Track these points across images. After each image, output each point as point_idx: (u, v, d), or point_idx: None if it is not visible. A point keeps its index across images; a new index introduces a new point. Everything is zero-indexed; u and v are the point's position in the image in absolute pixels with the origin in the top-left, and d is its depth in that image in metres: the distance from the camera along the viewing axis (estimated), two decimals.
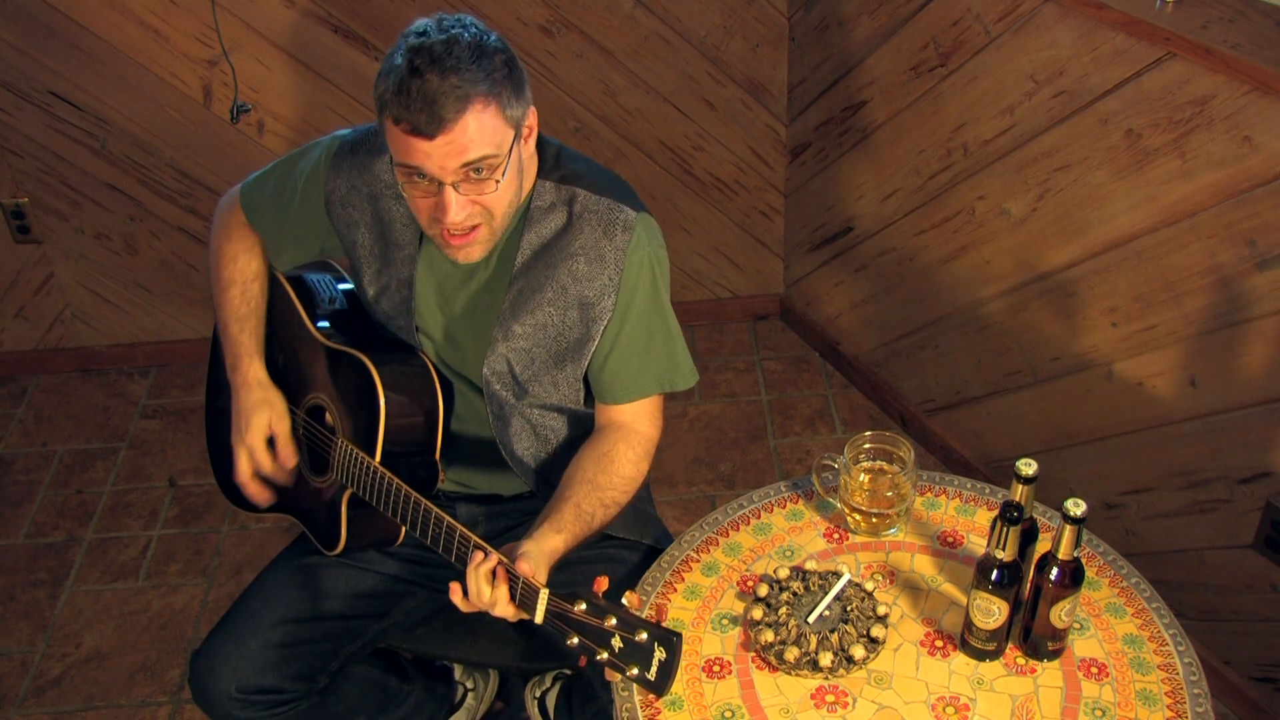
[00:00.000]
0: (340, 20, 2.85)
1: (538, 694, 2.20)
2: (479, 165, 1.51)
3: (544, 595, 1.43)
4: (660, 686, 1.37)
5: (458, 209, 1.52)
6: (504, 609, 1.48)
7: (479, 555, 1.50)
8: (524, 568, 1.46)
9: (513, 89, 1.53)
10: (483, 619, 1.53)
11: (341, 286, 1.95)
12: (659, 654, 1.36)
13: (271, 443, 1.81)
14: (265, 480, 1.84)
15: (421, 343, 1.78)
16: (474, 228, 1.57)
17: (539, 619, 1.44)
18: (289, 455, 1.81)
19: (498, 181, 1.53)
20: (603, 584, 1.44)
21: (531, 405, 1.76)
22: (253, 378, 1.82)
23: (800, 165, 3.10)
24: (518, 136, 1.55)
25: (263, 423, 1.79)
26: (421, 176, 1.51)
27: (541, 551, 1.52)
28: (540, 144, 1.69)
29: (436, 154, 1.48)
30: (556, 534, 1.56)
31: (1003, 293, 2.55)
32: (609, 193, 1.68)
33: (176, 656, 2.53)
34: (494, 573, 1.48)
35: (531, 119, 1.59)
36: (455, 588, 1.51)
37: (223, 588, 2.67)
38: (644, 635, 1.36)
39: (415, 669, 2.14)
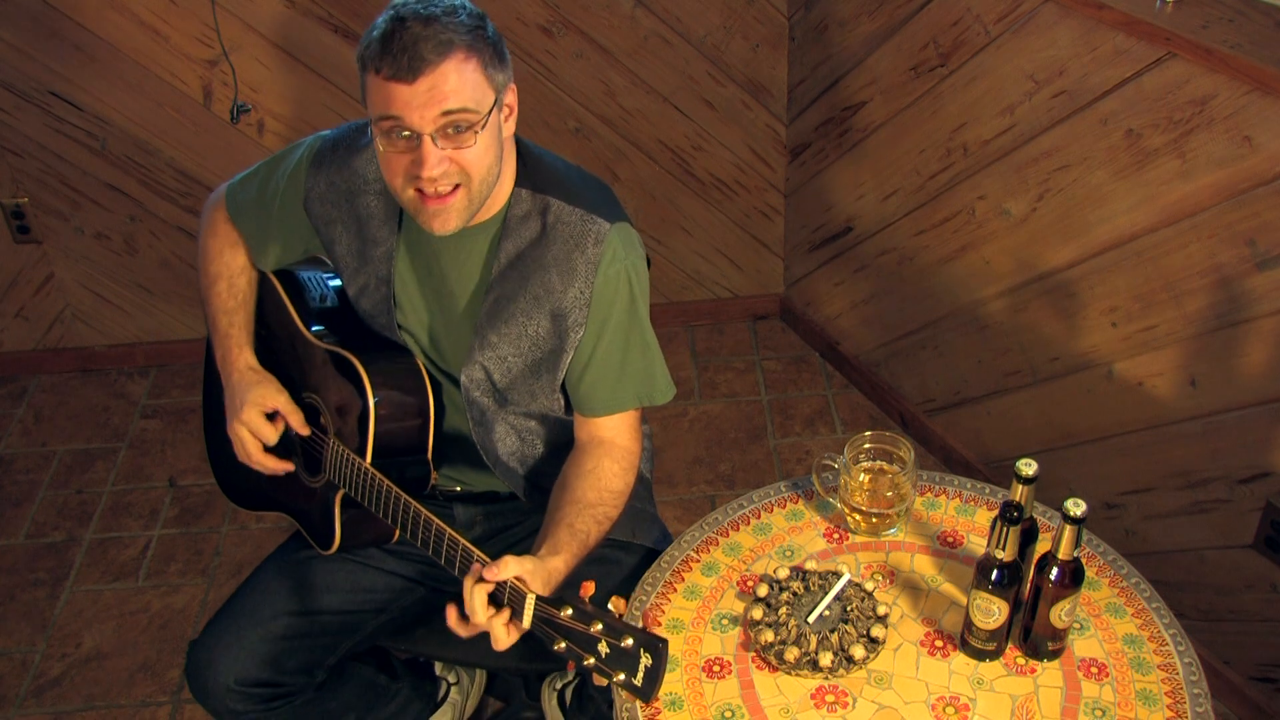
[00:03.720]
0: (340, 20, 2.85)
1: (558, 686, 2.20)
2: (458, 120, 1.50)
3: (530, 600, 1.43)
4: (647, 693, 1.36)
5: (435, 162, 1.51)
6: (499, 631, 1.46)
7: (476, 568, 1.49)
8: (490, 573, 1.45)
9: (494, 53, 1.54)
10: None
11: (333, 284, 1.94)
12: (645, 660, 1.35)
13: (273, 421, 1.81)
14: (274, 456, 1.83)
15: (405, 341, 1.78)
16: (454, 189, 1.55)
17: (527, 623, 1.44)
18: (300, 422, 1.79)
19: (476, 134, 1.52)
20: (589, 589, 1.43)
21: (514, 412, 1.76)
22: (243, 364, 1.81)
23: (800, 165, 3.10)
24: (498, 105, 1.55)
25: (258, 398, 1.78)
26: (401, 133, 1.51)
27: (542, 568, 1.50)
28: (520, 149, 1.69)
29: (417, 100, 1.48)
30: (555, 555, 1.55)
31: (1003, 293, 2.55)
32: (583, 202, 1.66)
33: (176, 656, 2.53)
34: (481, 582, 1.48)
35: (512, 97, 1.60)
36: (452, 611, 1.50)
37: (223, 588, 2.67)
38: (630, 641, 1.36)
39: (404, 667, 2.14)
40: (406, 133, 1.51)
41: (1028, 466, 1.44)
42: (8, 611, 2.66)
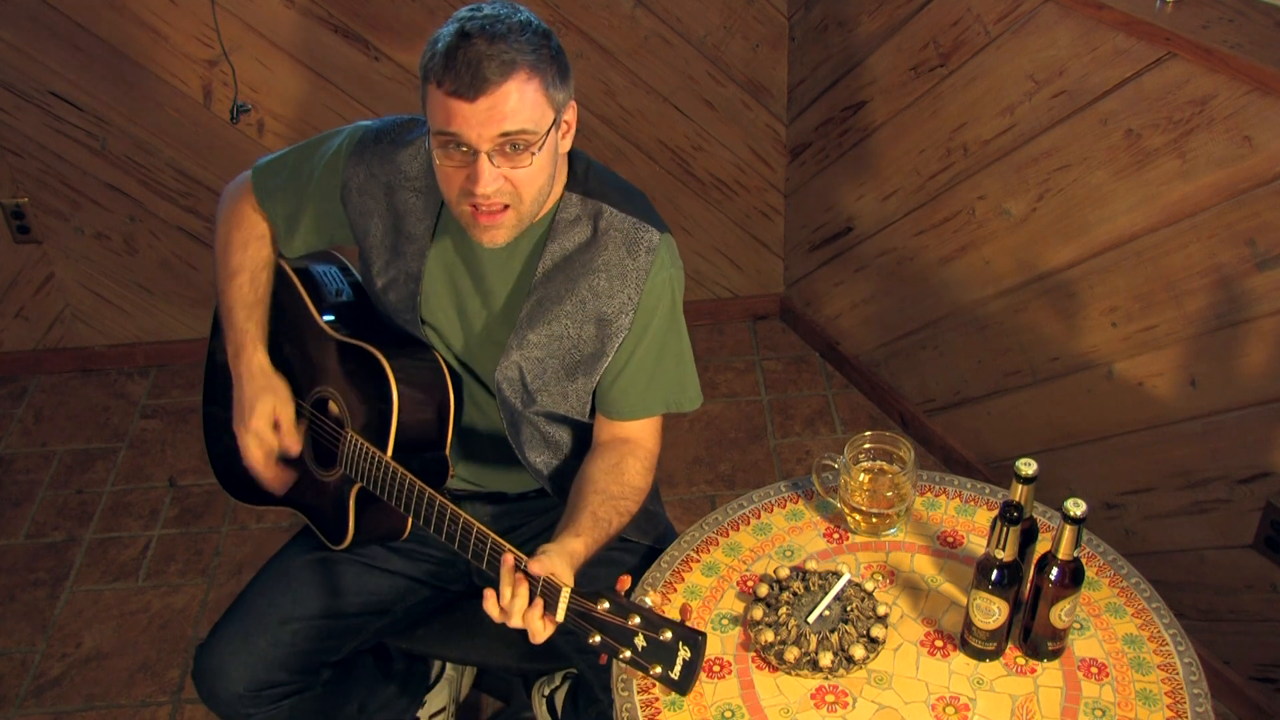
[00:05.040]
0: (340, 20, 2.85)
1: (546, 692, 2.20)
2: (516, 140, 1.50)
3: (565, 593, 1.43)
4: (684, 685, 1.37)
5: (490, 179, 1.51)
6: (536, 625, 1.45)
7: (508, 560, 1.48)
8: (535, 567, 1.46)
9: (558, 72, 1.54)
10: (482, 619, 1.52)
11: (348, 279, 1.94)
12: (683, 653, 1.36)
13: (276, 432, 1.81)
14: (279, 466, 1.83)
15: (428, 337, 1.78)
16: (503, 209, 1.56)
17: (560, 617, 1.44)
18: (293, 443, 1.80)
19: (533, 156, 1.52)
20: (625, 583, 1.44)
21: (537, 413, 1.76)
22: (256, 366, 1.81)
23: (800, 165, 3.10)
24: (556, 124, 1.55)
25: (267, 408, 1.78)
26: (458, 147, 1.51)
27: (562, 551, 1.51)
28: (570, 155, 1.69)
29: (476, 119, 1.47)
30: (575, 538, 1.56)
31: (1003, 293, 2.55)
32: (635, 211, 1.68)
33: (176, 656, 2.53)
34: (515, 573, 1.48)
35: (571, 114, 1.60)
36: (490, 595, 1.48)
37: (223, 588, 2.67)
38: (668, 634, 1.37)
39: (397, 649, 2.15)
40: (464, 148, 1.51)
41: (1027, 466, 1.44)
42: (8, 611, 2.66)
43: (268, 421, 1.78)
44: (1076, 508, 1.40)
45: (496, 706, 2.37)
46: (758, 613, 1.56)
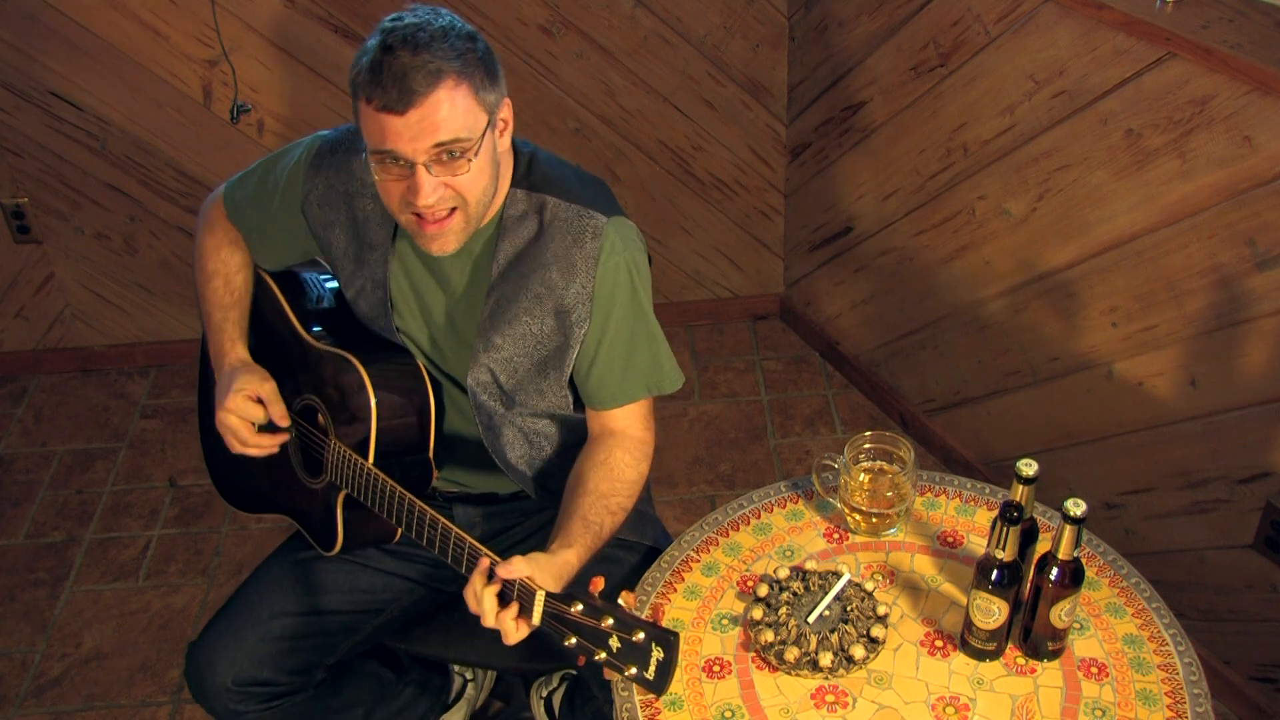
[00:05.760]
0: (340, 20, 2.85)
1: (544, 694, 2.21)
2: (451, 148, 1.50)
3: (540, 596, 1.44)
4: (659, 686, 1.37)
5: (430, 190, 1.51)
6: (508, 626, 1.45)
7: (484, 563, 1.49)
8: (503, 571, 1.45)
9: (485, 73, 1.52)
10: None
11: (329, 285, 1.94)
12: (656, 654, 1.37)
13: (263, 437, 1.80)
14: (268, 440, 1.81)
15: (404, 343, 1.78)
16: (450, 213, 1.55)
17: (536, 620, 1.44)
18: (281, 413, 1.78)
19: (470, 161, 1.52)
20: (598, 584, 1.44)
21: (521, 414, 1.75)
22: (235, 358, 1.81)
23: (800, 165, 3.10)
24: (491, 125, 1.55)
25: (243, 384, 1.76)
26: (395, 161, 1.50)
27: (552, 563, 1.51)
28: (515, 149, 1.68)
29: (408, 132, 1.47)
30: (567, 549, 1.55)
31: (1003, 293, 2.55)
32: (579, 199, 1.66)
33: (176, 656, 2.53)
34: (490, 575, 1.48)
35: (506, 111, 1.59)
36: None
37: (223, 588, 2.67)
38: (641, 635, 1.37)
39: (411, 661, 2.15)
40: (400, 161, 1.50)
41: (1028, 466, 1.44)
42: (8, 611, 2.66)
43: (244, 396, 1.75)
44: (1076, 508, 1.40)
45: (497, 707, 2.37)
46: (758, 613, 1.56)
